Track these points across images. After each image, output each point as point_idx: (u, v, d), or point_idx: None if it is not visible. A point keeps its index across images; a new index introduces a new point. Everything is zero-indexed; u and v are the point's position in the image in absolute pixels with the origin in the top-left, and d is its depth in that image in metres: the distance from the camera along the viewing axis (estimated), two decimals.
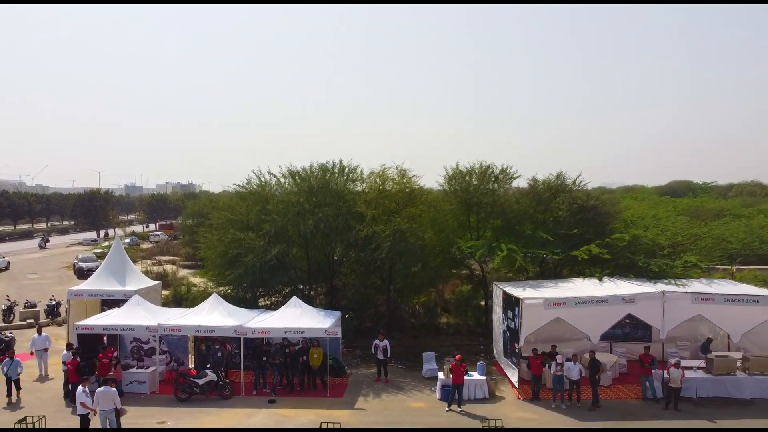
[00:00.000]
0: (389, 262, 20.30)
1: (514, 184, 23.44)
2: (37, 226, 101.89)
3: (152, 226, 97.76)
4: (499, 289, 18.87)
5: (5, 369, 15.83)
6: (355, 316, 22.61)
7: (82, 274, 40.45)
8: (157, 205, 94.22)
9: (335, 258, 22.56)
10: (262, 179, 22.29)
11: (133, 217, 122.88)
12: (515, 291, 17.34)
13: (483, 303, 23.75)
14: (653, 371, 15.96)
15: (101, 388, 12.81)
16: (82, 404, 12.70)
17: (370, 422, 14.25)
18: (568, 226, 20.67)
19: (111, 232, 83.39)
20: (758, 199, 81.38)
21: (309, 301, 21.24)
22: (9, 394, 15.80)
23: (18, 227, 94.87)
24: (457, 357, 15.62)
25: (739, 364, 16.42)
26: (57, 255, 57.47)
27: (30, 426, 11.47)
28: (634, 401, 15.97)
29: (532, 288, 17.87)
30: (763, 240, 33.99)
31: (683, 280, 18.21)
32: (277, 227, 19.99)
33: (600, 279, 18.67)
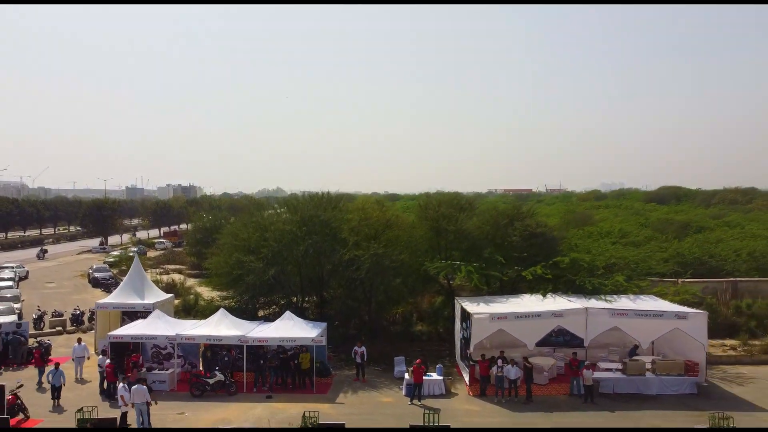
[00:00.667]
0: (369, 280, 24.02)
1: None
2: (45, 232, 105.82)
3: (155, 232, 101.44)
4: (459, 304, 22.62)
5: (50, 378, 19.15)
6: (341, 325, 26.36)
7: (97, 283, 44.30)
8: (161, 212, 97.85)
9: (324, 275, 26.32)
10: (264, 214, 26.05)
11: (137, 222, 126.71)
12: (469, 306, 21.11)
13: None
14: (580, 372, 19.69)
15: (135, 386, 16.58)
16: (121, 397, 16.47)
17: (347, 413, 17.96)
18: (520, 250, 24.44)
19: (118, 238, 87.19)
20: (738, 207, 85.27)
21: (301, 311, 25.05)
22: (53, 398, 19.13)
23: (26, 233, 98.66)
24: (418, 361, 19.36)
25: (648, 366, 20.18)
26: (70, 263, 61.28)
27: (87, 416, 15.16)
28: (562, 397, 19.70)
29: (485, 303, 21.67)
30: (712, 254, 37.56)
31: (613, 296, 21.99)
32: (274, 252, 23.80)
33: (543, 295, 22.44)
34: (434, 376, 20.07)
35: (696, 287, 30.97)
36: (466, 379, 20.75)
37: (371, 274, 23.34)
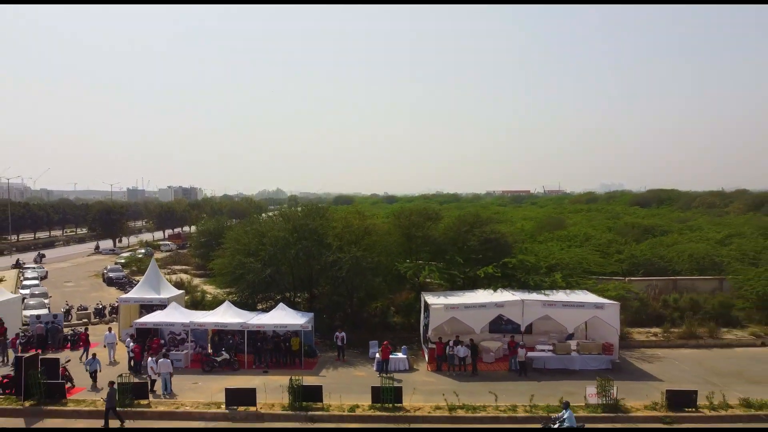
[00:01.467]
0: (350, 278, 28.65)
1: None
2: (53, 234, 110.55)
3: (159, 234, 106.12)
4: (423, 297, 27.26)
5: (88, 366, 23.52)
6: (328, 317, 30.98)
7: (111, 282, 49.04)
8: (165, 215, 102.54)
9: (313, 274, 30.96)
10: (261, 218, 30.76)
11: (141, 224, 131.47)
12: (430, 299, 25.79)
13: None
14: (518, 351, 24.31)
15: (162, 359, 21.23)
16: (151, 368, 21.13)
17: (326, 383, 22.45)
18: (477, 252, 29.10)
19: (125, 241, 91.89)
20: (715, 210, 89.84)
21: (294, 305, 29.66)
22: (92, 380, 23.54)
23: (36, 236, 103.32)
24: (385, 342, 23.99)
25: (574, 347, 24.82)
26: (82, 264, 65.99)
27: (125, 381, 19.82)
28: (503, 372, 24.29)
29: (444, 297, 26.33)
30: (662, 256, 42.12)
31: (551, 291, 26.59)
32: (270, 254, 28.47)
33: (494, 290, 27.07)
34: (400, 355, 24.72)
35: (640, 285, 35.68)
36: (426, 358, 25.39)
37: (351, 273, 27.98)
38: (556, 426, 16.63)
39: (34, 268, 51.93)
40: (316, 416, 19.00)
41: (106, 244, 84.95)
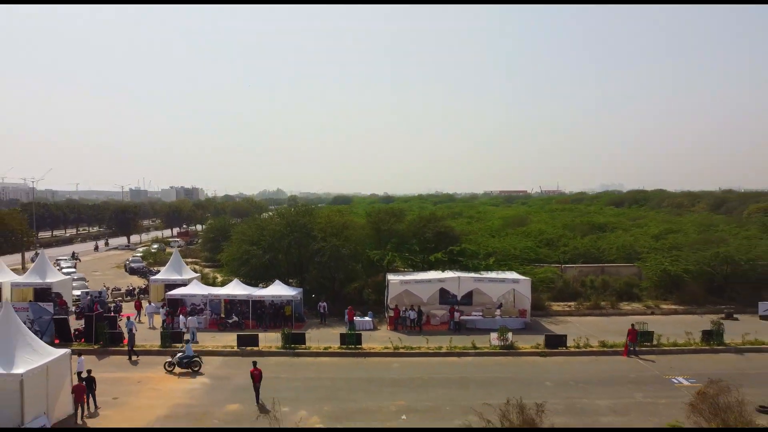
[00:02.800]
0: (331, 263, 36.72)
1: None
2: (68, 232, 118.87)
3: (167, 232, 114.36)
4: (387, 276, 35.37)
5: (127, 325, 31.59)
6: (315, 296, 39.07)
7: (133, 271, 57.26)
8: (173, 215, 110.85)
9: (303, 260, 39.04)
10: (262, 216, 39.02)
11: (149, 222, 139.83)
12: (390, 276, 33.93)
13: None
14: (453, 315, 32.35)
15: (190, 317, 29.40)
16: (183, 323, 29.31)
17: (309, 335, 30.57)
18: (431, 242, 37.23)
19: (135, 237, 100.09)
20: (683, 210, 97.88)
21: (288, 284, 37.79)
22: (131, 335, 31.67)
23: (53, 234, 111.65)
24: (349, 308, 32.13)
25: (497, 312, 32.91)
26: (103, 258, 74.26)
27: (164, 331, 27.97)
28: (444, 330, 32.31)
29: (402, 276, 34.45)
30: (597, 247, 50.16)
31: (487, 271, 34.65)
32: (269, 243, 36.61)
33: (443, 271, 35.17)
34: (366, 318, 32.81)
35: (573, 271, 43.83)
36: (388, 321, 33.53)
37: (332, 259, 36.08)
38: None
39: (67, 259, 60.46)
40: (300, 352, 27.19)
41: (120, 241, 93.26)
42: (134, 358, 26.86)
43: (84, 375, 20.45)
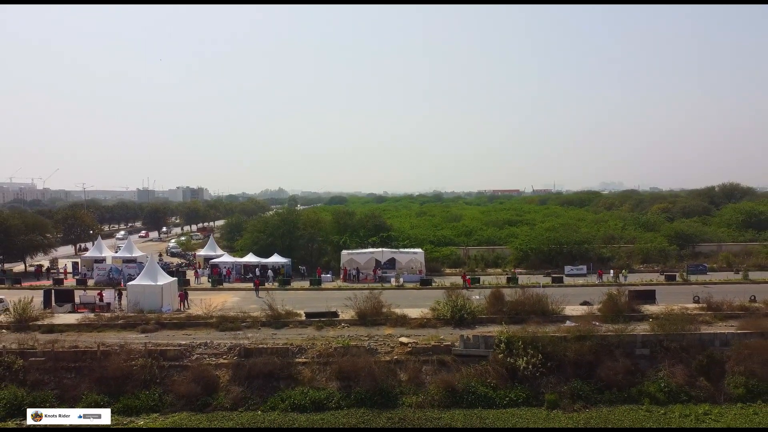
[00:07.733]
0: (308, 244, 59.33)
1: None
2: (111, 227, 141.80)
3: (187, 228, 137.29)
4: (342, 252, 57.92)
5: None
6: (299, 263, 61.70)
7: (174, 254, 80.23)
8: (191, 213, 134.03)
9: (292, 243, 61.67)
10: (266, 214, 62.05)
11: (174, 220, 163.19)
12: (343, 251, 56.77)
13: None
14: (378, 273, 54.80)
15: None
16: (227, 272, 52.26)
17: (293, 284, 53.10)
18: (372, 230, 59.97)
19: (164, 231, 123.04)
20: (614, 208, 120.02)
21: (282, 256, 60.55)
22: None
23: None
24: (318, 268, 54.89)
25: (404, 272, 55.51)
26: (143, 247, 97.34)
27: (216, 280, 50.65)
28: (373, 282, 54.85)
29: (350, 251, 57.25)
30: (498, 236, 72.60)
31: (405, 249, 57.33)
32: (270, 231, 59.56)
33: (376, 248, 57.80)
34: (328, 275, 55.44)
35: (473, 250, 66.49)
36: (341, 277, 56.18)
37: (309, 241, 58.79)
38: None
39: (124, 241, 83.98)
40: (288, 288, 50.02)
41: (152, 234, 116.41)
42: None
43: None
